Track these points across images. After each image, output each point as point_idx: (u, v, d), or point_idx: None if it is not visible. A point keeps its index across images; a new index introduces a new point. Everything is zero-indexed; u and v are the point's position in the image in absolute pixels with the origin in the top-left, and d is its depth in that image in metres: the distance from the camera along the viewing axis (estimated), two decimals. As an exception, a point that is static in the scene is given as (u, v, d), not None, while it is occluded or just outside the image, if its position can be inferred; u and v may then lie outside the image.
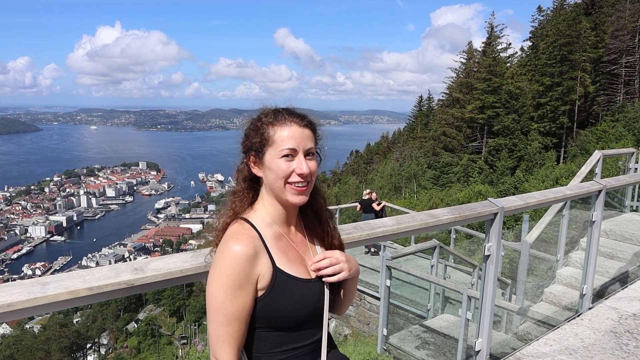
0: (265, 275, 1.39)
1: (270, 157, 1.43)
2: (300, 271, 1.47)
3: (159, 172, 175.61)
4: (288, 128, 1.43)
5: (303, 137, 1.44)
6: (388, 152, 78.78)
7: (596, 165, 7.74)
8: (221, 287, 1.34)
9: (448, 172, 52.22)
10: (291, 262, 1.46)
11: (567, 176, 27.95)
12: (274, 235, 1.47)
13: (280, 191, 1.43)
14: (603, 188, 4.08)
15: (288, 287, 1.41)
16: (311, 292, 1.46)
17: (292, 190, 1.43)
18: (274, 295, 1.39)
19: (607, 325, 3.80)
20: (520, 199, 3.33)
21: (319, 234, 1.58)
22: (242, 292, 1.35)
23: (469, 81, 54.22)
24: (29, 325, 47.60)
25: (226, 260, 1.36)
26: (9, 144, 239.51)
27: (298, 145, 1.42)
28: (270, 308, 1.39)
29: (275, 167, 1.42)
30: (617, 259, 6.16)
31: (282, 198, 1.45)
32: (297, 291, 1.42)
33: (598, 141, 37.83)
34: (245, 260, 1.35)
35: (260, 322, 1.41)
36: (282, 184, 1.42)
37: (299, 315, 1.41)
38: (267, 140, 1.43)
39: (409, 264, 9.84)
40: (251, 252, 1.37)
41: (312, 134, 1.48)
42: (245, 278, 1.35)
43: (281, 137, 1.42)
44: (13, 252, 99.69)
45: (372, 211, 13.42)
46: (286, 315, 1.40)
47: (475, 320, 3.28)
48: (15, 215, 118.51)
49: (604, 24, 48.71)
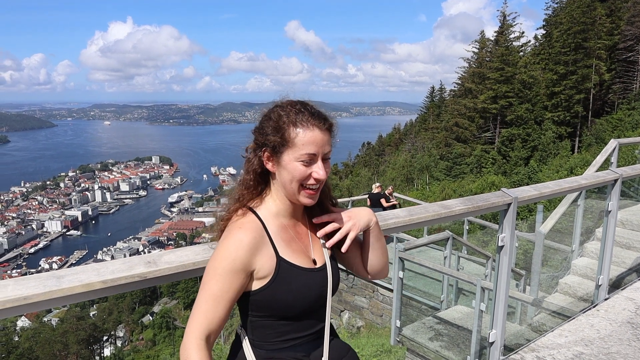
0: (267, 265, 1.41)
1: (288, 158, 1.42)
2: (304, 261, 1.49)
3: (171, 166, 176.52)
4: (310, 133, 1.42)
5: (323, 142, 1.44)
6: (400, 143, 78.47)
7: (612, 154, 7.63)
8: (214, 266, 1.39)
9: (461, 163, 51.91)
10: (295, 253, 1.48)
11: (582, 166, 27.66)
12: (279, 227, 1.49)
13: (293, 193, 1.45)
14: (619, 177, 4.03)
15: (291, 276, 1.43)
16: (314, 281, 1.48)
17: (306, 193, 1.45)
18: (278, 284, 1.41)
19: (623, 316, 3.76)
20: (534, 189, 3.29)
21: (322, 225, 1.58)
22: (231, 276, 1.37)
23: (482, 71, 53.69)
24: (47, 319, 48.34)
25: (227, 245, 1.39)
26: (25, 140, 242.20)
27: (318, 151, 1.43)
28: (274, 297, 1.41)
29: (293, 170, 1.42)
30: (633, 249, 6.08)
31: (293, 199, 1.47)
32: (301, 280, 1.44)
33: (614, 130, 37.34)
34: (246, 249, 1.39)
35: (264, 311, 1.43)
36: (297, 187, 1.44)
37: (302, 305, 1.44)
38: (287, 141, 1.42)
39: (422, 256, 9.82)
40: (252, 242, 1.40)
41: (331, 138, 1.48)
42: (239, 265, 1.38)
43: (302, 141, 1.41)
44: (30, 247, 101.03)
45: (380, 206, 13.24)
46: (289, 304, 1.42)
47: (489, 312, 3.26)
48: (31, 210, 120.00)
49: (619, 10, 47.91)
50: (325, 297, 1.50)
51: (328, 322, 1.52)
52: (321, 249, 1.57)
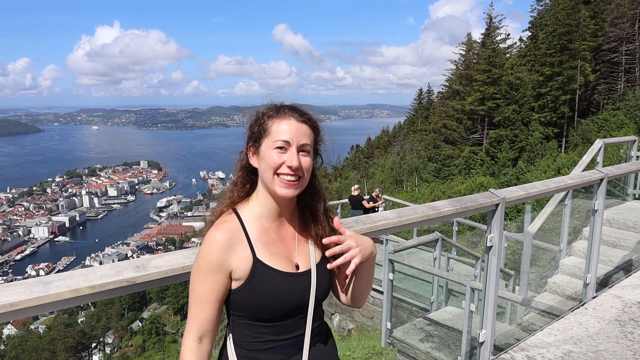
0: (243, 266, 1.43)
1: (265, 147, 1.46)
2: (284, 265, 1.48)
3: (160, 170, 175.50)
4: (286, 121, 1.46)
5: (299, 132, 1.46)
6: (389, 146, 78.73)
7: (597, 154, 7.72)
8: (196, 268, 1.44)
9: (449, 165, 52.17)
10: (274, 256, 1.47)
11: (569, 166, 27.90)
12: (260, 229, 1.49)
13: (270, 182, 1.45)
14: (605, 176, 4.07)
15: (267, 279, 1.43)
16: (293, 286, 1.47)
17: (280, 183, 1.44)
18: (253, 286, 1.42)
19: (611, 314, 3.80)
20: (521, 189, 3.32)
21: (314, 235, 1.57)
22: (211, 277, 1.41)
23: (469, 73, 54.07)
24: (34, 326, 47.72)
25: (204, 246, 1.44)
26: (11, 146, 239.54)
27: (292, 139, 1.45)
28: (249, 298, 1.42)
29: (268, 158, 1.44)
30: (620, 248, 6.15)
31: (271, 190, 1.47)
32: (277, 284, 1.44)
33: (599, 130, 37.70)
34: (220, 248, 1.42)
35: (241, 311, 1.45)
36: (271, 175, 1.45)
37: (279, 308, 1.43)
38: (264, 131, 1.47)
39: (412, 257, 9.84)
40: (226, 242, 1.42)
41: (311, 131, 1.50)
42: (215, 264, 1.41)
43: (277, 129, 1.45)
44: (16, 254, 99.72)
45: (361, 207, 13.10)
46: (264, 307, 1.42)
47: (479, 312, 3.28)
48: (18, 216, 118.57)
49: (603, 12, 48.47)
50: (307, 303, 1.48)
51: (309, 327, 1.49)
52: (308, 253, 1.55)
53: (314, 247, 1.57)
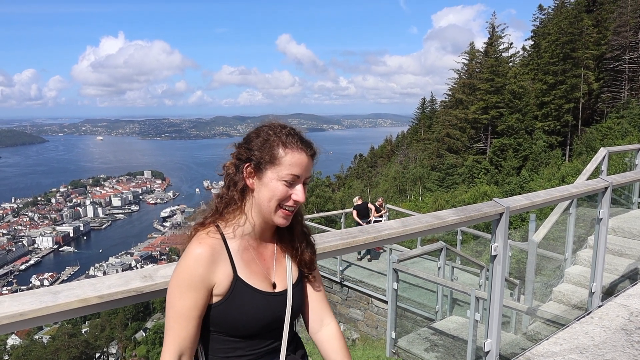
0: (224, 283, 1.41)
1: (271, 176, 1.43)
2: (262, 284, 1.48)
3: (164, 180, 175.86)
4: (298, 155, 1.44)
5: (308, 167, 1.47)
6: (392, 155, 78.74)
7: (602, 163, 7.71)
8: (175, 284, 1.39)
9: (453, 174, 52.08)
10: (253, 274, 1.47)
11: (573, 174, 27.84)
12: (241, 246, 1.48)
13: (269, 212, 1.45)
14: (609, 185, 4.07)
15: (245, 297, 1.43)
16: (270, 305, 1.47)
17: (282, 214, 1.46)
18: (230, 303, 1.41)
19: (617, 323, 3.78)
20: (525, 198, 3.32)
21: (290, 249, 1.58)
22: (192, 293, 1.37)
23: (472, 82, 54.12)
24: (38, 336, 47.70)
25: (184, 261, 1.39)
26: (16, 156, 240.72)
27: (302, 174, 1.45)
28: (225, 315, 1.41)
29: (274, 188, 1.43)
30: (626, 256, 6.12)
31: (268, 217, 1.47)
32: (255, 302, 1.44)
33: (603, 138, 37.63)
34: (201, 263, 1.38)
35: (215, 327, 1.43)
36: (274, 206, 1.44)
37: (255, 326, 1.44)
38: (273, 159, 1.43)
39: (416, 267, 9.83)
40: (208, 257, 1.39)
41: (312, 164, 1.50)
42: (198, 280, 1.38)
43: (289, 162, 1.43)
44: (21, 264, 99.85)
45: (368, 216, 13.03)
46: (241, 324, 1.42)
47: (484, 321, 3.27)
48: (22, 226, 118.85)
49: (605, 20, 48.53)
50: (282, 321, 1.49)
51: (284, 345, 1.50)
52: (284, 273, 1.55)
53: (291, 267, 1.57)
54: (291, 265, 1.57)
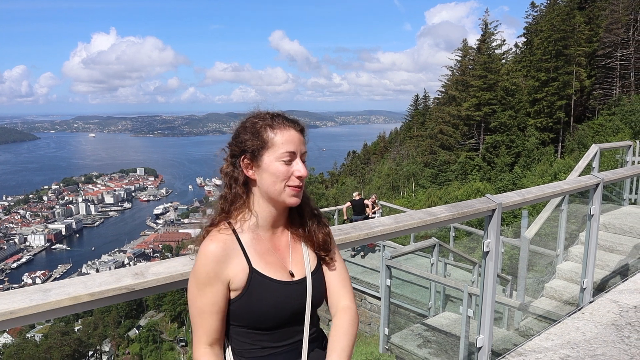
0: (240, 276, 1.43)
1: (269, 160, 1.45)
2: (279, 274, 1.48)
3: (157, 177, 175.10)
4: (287, 132, 1.47)
5: (300, 142, 1.49)
6: (385, 151, 78.87)
7: (593, 159, 7.76)
8: (194, 282, 1.44)
9: (446, 170, 52.27)
10: (269, 265, 1.48)
11: (565, 171, 28.01)
12: (254, 239, 1.49)
13: (278, 194, 1.46)
14: (600, 181, 4.09)
15: (264, 288, 1.44)
16: (290, 294, 1.47)
17: (291, 192, 1.46)
18: (250, 296, 1.43)
19: (608, 319, 3.81)
20: (517, 194, 3.34)
21: (302, 232, 1.58)
22: (210, 289, 1.41)
23: (465, 79, 54.33)
24: (31, 334, 47.48)
25: (199, 259, 1.43)
26: (7, 154, 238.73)
27: (297, 149, 1.47)
28: (247, 308, 1.43)
29: (275, 170, 1.44)
30: (617, 252, 6.17)
31: (278, 200, 1.48)
32: (274, 293, 1.44)
33: (595, 135, 37.86)
34: (214, 259, 1.41)
35: (239, 321, 1.45)
36: (282, 187, 1.45)
37: (277, 317, 1.44)
38: (265, 143, 1.45)
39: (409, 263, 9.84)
40: (221, 253, 1.42)
41: (304, 139, 1.52)
42: (213, 276, 1.41)
43: (281, 140, 1.45)
44: (13, 262, 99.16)
45: (363, 212, 13.16)
46: (262, 316, 1.43)
47: (477, 317, 3.29)
48: (14, 224, 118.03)
49: (597, 18, 48.82)
50: (304, 310, 1.49)
51: (307, 333, 1.50)
52: (302, 261, 1.55)
53: (308, 254, 1.57)
54: (308, 252, 1.57)
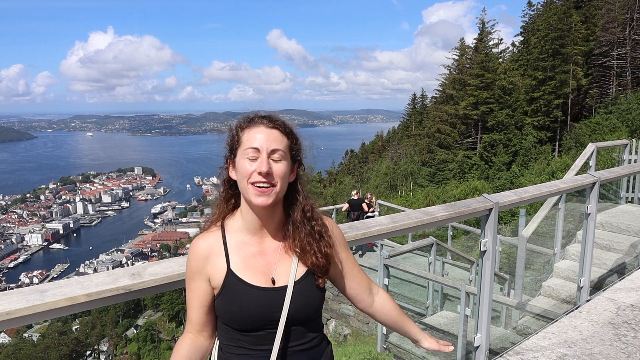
0: (217, 276, 1.47)
1: (239, 158, 1.46)
2: (257, 279, 1.46)
3: (154, 177, 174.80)
4: (255, 129, 1.46)
5: (269, 138, 1.44)
6: (383, 150, 78.80)
7: (590, 158, 7.78)
8: (185, 275, 1.54)
9: (443, 169, 52.28)
10: (249, 269, 1.47)
11: (562, 169, 28.05)
12: (240, 241, 1.50)
13: (245, 192, 1.44)
14: (597, 180, 4.10)
15: (238, 291, 1.45)
16: (265, 301, 1.44)
17: (254, 191, 1.41)
18: (224, 296, 1.46)
19: (605, 317, 3.82)
20: (514, 193, 3.34)
21: (297, 248, 1.51)
22: (194, 284, 1.51)
23: (462, 77, 54.30)
24: (28, 334, 47.36)
25: (188, 254, 1.53)
26: (4, 153, 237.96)
27: (261, 145, 1.42)
28: (223, 307, 1.47)
29: (241, 167, 1.44)
30: (613, 251, 6.19)
31: (247, 199, 1.46)
32: (246, 297, 1.44)
33: (592, 133, 37.89)
34: (198, 256, 1.49)
35: (220, 317, 1.51)
36: (246, 184, 1.43)
37: (248, 321, 1.44)
38: (237, 143, 1.48)
39: (407, 262, 9.86)
40: (205, 251, 1.48)
41: (284, 137, 1.47)
42: (196, 272, 1.50)
43: (247, 137, 1.45)
44: (10, 261, 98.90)
45: (360, 210, 13.19)
46: (234, 317, 1.45)
47: (474, 316, 3.29)
48: (11, 223, 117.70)
49: (594, 16, 48.86)
50: (279, 319, 1.44)
51: (277, 344, 1.44)
52: (288, 269, 1.49)
53: (297, 262, 1.50)
54: (297, 261, 1.50)
